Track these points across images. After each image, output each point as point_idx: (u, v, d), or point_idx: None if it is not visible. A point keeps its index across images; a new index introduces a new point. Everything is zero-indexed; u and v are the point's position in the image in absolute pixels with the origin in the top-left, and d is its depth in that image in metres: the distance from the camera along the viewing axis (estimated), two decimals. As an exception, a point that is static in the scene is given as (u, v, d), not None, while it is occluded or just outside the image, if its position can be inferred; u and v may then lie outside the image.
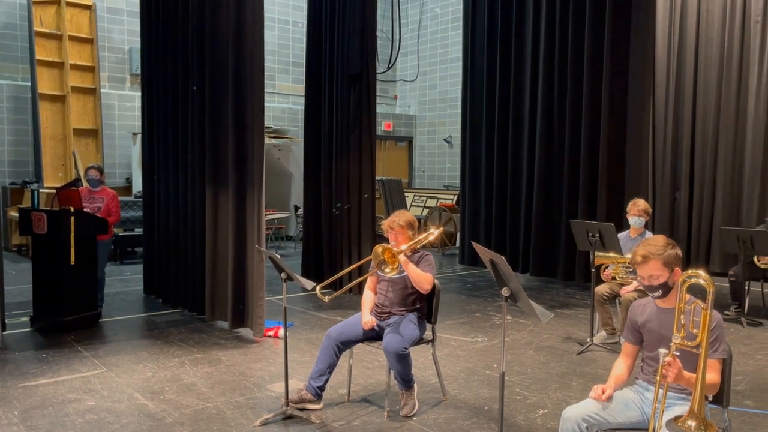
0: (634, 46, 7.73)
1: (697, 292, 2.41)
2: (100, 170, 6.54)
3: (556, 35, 8.52)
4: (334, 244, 7.60)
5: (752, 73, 8.58)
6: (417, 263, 3.87)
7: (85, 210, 5.93)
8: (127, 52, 12.02)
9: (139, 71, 8.02)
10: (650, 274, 2.61)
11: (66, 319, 5.67)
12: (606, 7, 7.81)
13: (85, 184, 6.62)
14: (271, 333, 5.60)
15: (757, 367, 4.90)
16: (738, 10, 8.67)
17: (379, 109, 10.15)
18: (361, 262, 5.54)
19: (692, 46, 9.09)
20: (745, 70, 8.67)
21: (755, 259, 6.29)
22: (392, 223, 3.93)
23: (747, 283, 6.41)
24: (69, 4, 10.99)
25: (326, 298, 3.85)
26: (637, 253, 2.64)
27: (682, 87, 9.21)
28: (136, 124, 10.73)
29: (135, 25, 10.10)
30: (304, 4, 8.63)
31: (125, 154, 11.86)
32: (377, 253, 3.71)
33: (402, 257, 3.74)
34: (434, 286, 3.95)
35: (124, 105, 11.92)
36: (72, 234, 5.62)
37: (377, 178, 9.58)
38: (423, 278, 3.81)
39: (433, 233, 4.11)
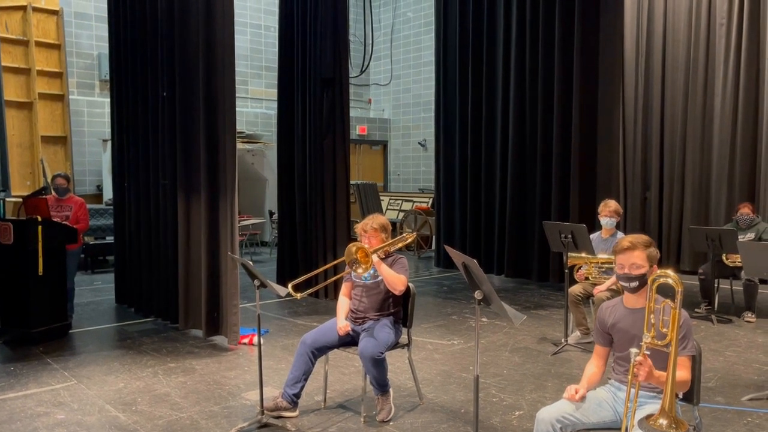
0: (603, 49, 7.85)
1: (666, 291, 2.44)
2: (67, 178, 6.46)
3: (526, 39, 8.60)
4: (310, 249, 7.56)
5: (718, 75, 8.76)
6: (391, 266, 3.86)
7: (53, 219, 5.82)
8: (95, 57, 11.85)
9: (108, 77, 7.92)
10: (633, 263, 2.64)
11: (34, 331, 5.54)
12: (575, 10, 7.92)
13: (52, 192, 6.50)
14: (246, 340, 5.55)
15: (728, 363, 4.99)
16: (703, 13, 8.86)
17: (353, 113, 10.14)
18: (336, 261, 5.53)
19: (659, 49, 9.28)
20: (711, 72, 8.85)
21: (724, 257, 6.40)
22: (365, 226, 3.93)
23: (716, 281, 6.54)
24: (35, 10, 10.77)
25: (298, 295, 3.83)
26: (624, 239, 2.70)
27: (650, 89, 9.39)
28: (106, 130, 10.56)
29: (104, 30, 9.92)
30: (276, 9, 8.59)
31: (95, 161, 11.67)
32: (350, 252, 3.69)
33: (375, 257, 3.73)
34: (409, 289, 3.95)
35: (94, 111, 11.73)
36: (40, 244, 5.51)
37: (352, 182, 9.58)
38: (396, 279, 3.80)
39: (406, 239, 4.11)
